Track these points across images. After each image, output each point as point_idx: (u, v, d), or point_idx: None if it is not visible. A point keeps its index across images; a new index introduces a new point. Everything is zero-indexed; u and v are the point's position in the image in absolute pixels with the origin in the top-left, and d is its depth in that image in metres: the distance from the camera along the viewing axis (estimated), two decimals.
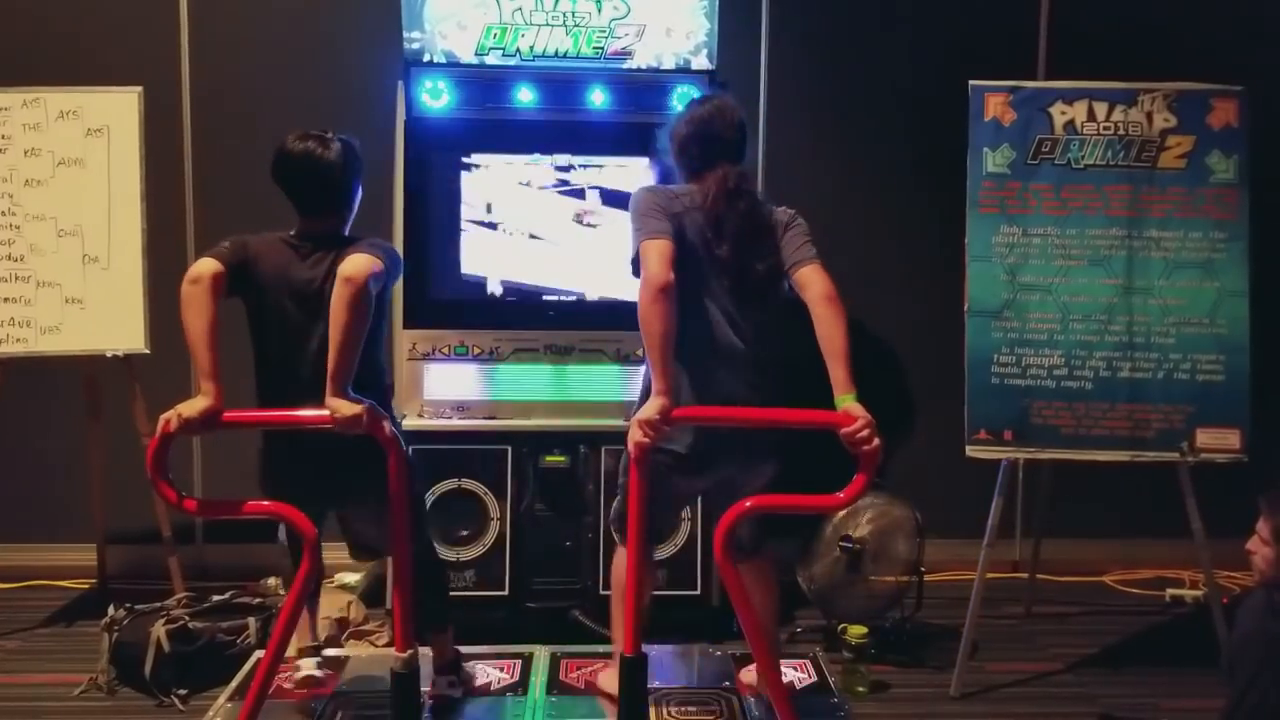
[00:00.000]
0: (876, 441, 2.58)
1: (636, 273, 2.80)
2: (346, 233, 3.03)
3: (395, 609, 2.85)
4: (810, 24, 4.66)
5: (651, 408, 2.67)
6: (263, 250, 2.92)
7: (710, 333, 2.87)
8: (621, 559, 3.10)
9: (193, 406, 2.70)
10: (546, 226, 3.99)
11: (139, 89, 4.06)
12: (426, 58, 3.92)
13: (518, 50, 3.94)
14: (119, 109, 4.03)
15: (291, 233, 2.97)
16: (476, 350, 3.93)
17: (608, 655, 3.59)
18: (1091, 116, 3.71)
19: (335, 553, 3.27)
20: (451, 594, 3.81)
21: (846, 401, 2.65)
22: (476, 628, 3.81)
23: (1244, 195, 3.71)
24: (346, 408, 2.70)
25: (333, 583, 4.33)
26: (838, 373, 2.69)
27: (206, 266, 2.79)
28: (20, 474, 4.61)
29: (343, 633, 3.90)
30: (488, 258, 3.97)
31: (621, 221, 3.94)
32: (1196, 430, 3.67)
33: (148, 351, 4.05)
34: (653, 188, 2.97)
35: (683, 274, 2.79)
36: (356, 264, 2.76)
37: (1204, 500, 3.66)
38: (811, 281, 2.80)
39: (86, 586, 4.49)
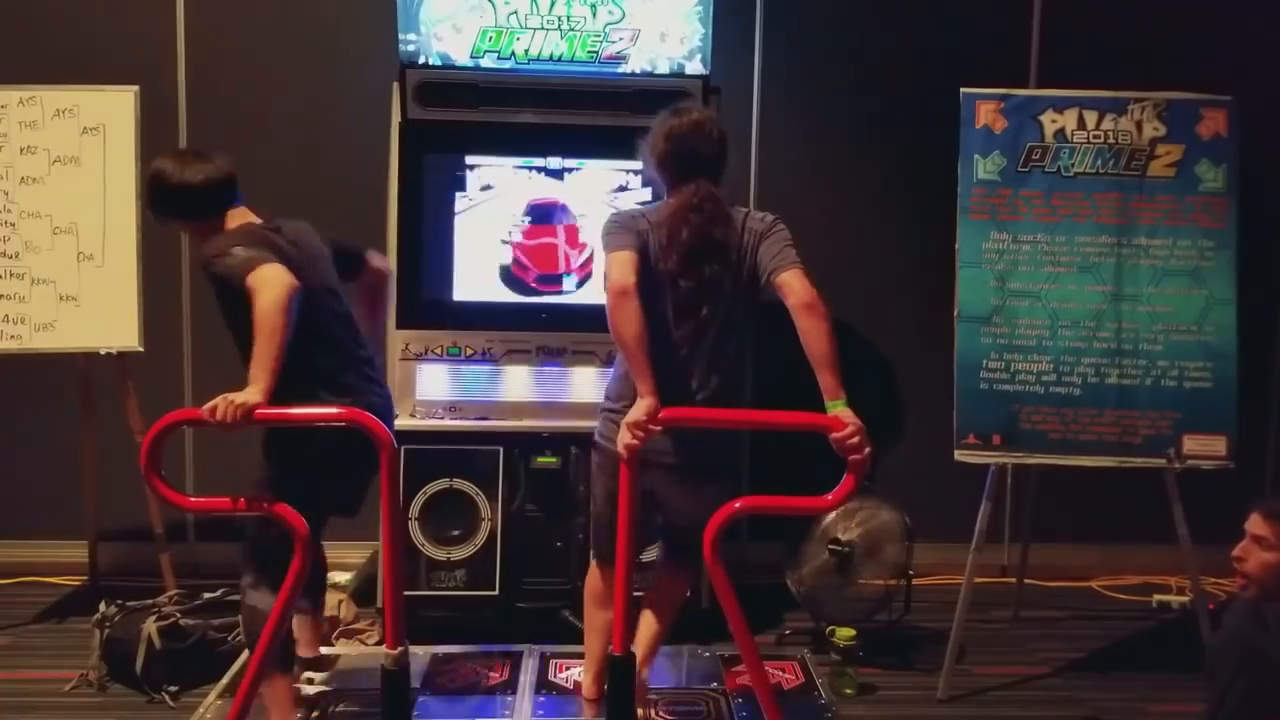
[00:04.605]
0: (868, 449, 2.58)
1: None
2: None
3: (386, 607, 2.87)
4: (804, 30, 4.68)
5: (639, 410, 2.68)
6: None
7: (661, 346, 2.85)
8: (593, 575, 3.18)
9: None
10: (539, 229, 4.00)
11: (135, 88, 4.06)
12: (421, 60, 3.94)
13: (513, 54, 3.96)
14: (115, 108, 4.04)
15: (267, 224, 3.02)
16: (469, 351, 3.95)
17: None
18: (1082, 125, 3.74)
19: (327, 552, 3.29)
20: (443, 593, 3.85)
21: (837, 407, 2.64)
22: (467, 627, 3.84)
23: (1233, 204, 3.73)
24: None
25: None
26: (826, 379, 2.67)
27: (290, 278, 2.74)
28: (13, 470, 4.61)
29: (333, 631, 3.91)
30: (481, 259, 3.99)
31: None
32: (1184, 437, 3.69)
33: (141, 349, 4.06)
34: (618, 213, 3.02)
35: (644, 289, 2.81)
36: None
37: (1191, 507, 3.68)
38: (791, 289, 2.74)
39: (78, 583, 4.48)
